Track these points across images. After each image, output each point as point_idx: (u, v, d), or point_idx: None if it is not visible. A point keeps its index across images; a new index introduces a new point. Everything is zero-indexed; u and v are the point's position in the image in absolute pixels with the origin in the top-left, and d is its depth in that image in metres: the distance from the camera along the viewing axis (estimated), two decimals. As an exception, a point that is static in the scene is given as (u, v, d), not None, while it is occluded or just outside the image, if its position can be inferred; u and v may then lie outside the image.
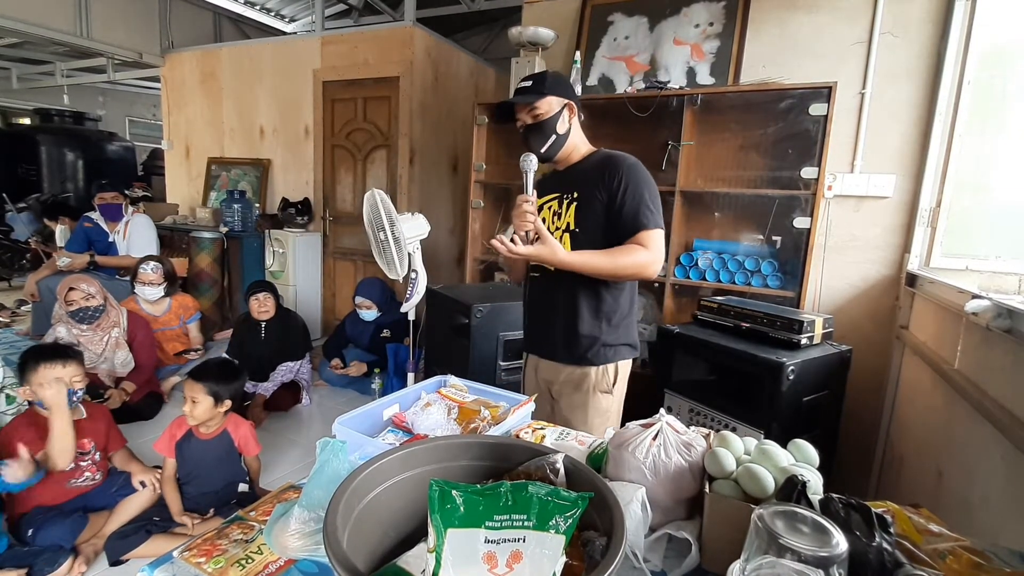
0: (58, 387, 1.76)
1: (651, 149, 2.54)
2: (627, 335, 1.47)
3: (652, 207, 1.35)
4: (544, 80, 1.39)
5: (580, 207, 1.40)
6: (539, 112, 1.38)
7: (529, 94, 1.38)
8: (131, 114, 9.03)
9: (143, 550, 1.74)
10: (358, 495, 0.65)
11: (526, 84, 1.41)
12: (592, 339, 1.43)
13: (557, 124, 1.40)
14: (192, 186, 5.11)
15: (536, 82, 1.40)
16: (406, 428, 1.10)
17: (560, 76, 1.45)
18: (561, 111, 1.40)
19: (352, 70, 4.03)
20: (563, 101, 1.40)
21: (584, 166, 1.44)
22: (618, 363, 1.47)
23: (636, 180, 1.34)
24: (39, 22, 4.23)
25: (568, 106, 1.41)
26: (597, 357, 1.44)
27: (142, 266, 3.15)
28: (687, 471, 0.84)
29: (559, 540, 0.55)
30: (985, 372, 1.46)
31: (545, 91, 1.37)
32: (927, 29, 2.24)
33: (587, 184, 1.39)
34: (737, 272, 2.47)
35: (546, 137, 1.40)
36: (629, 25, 2.84)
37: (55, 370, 1.79)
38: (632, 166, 1.36)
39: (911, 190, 2.31)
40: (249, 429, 2.03)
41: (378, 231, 2.13)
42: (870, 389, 2.37)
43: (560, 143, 1.42)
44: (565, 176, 1.47)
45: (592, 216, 1.38)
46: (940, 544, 0.70)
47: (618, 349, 1.46)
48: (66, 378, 1.81)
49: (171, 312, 3.30)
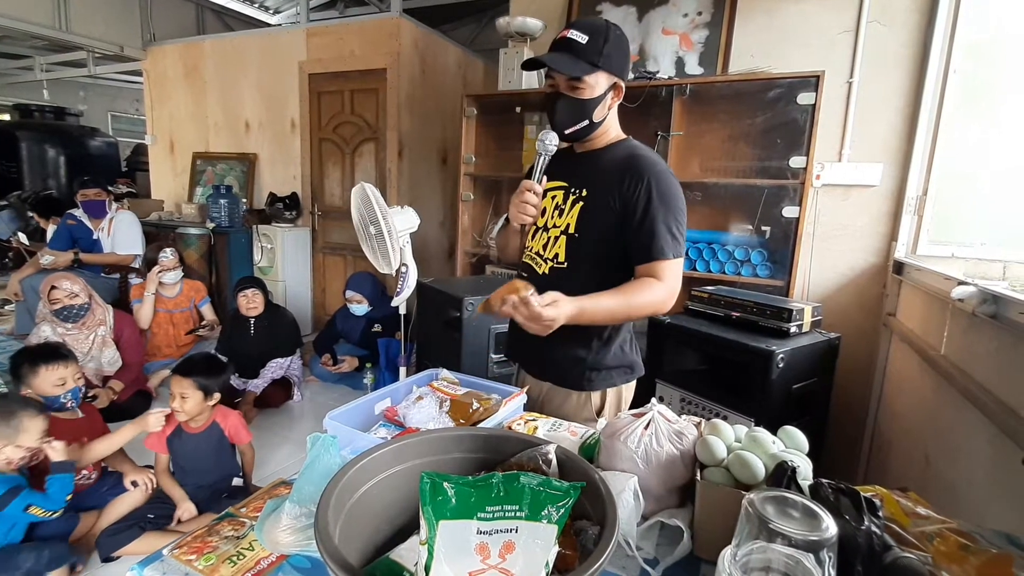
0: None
1: (640, 140, 2.43)
2: (622, 356, 1.26)
3: (676, 231, 1.10)
4: (604, 43, 1.08)
5: (586, 209, 1.17)
6: (581, 87, 1.11)
7: (578, 60, 1.08)
8: (113, 109, 8.87)
9: (135, 547, 1.73)
10: (350, 489, 0.65)
11: (579, 38, 1.08)
12: (575, 360, 1.23)
13: (597, 108, 1.14)
14: (177, 181, 5.04)
15: (592, 42, 1.07)
16: (398, 422, 1.10)
17: (622, 40, 1.13)
18: (606, 93, 1.13)
19: (338, 62, 3.97)
20: (612, 79, 1.13)
21: (604, 159, 1.19)
22: (606, 391, 1.25)
23: (662, 195, 1.10)
24: (16, 15, 4.13)
25: (616, 87, 1.14)
26: (580, 382, 1.24)
27: (161, 253, 3.31)
28: (679, 459, 0.85)
29: (551, 530, 0.55)
30: (971, 358, 1.48)
31: (600, 63, 1.09)
32: (914, 18, 2.25)
33: (601, 184, 1.16)
34: (727, 262, 2.48)
35: (578, 119, 1.14)
36: (617, 15, 2.83)
37: (59, 371, 1.81)
38: (660, 175, 1.12)
39: (898, 179, 2.33)
40: (237, 418, 2.03)
41: (368, 225, 2.11)
42: (858, 376, 2.40)
43: (591, 130, 1.17)
44: (580, 163, 1.23)
45: (598, 223, 1.16)
46: (927, 527, 0.71)
47: (610, 374, 1.24)
48: (69, 378, 1.82)
49: (182, 295, 3.42)
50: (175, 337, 3.37)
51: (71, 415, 1.89)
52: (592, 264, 1.19)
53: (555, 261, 1.23)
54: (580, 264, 1.20)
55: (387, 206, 2.17)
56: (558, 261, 1.22)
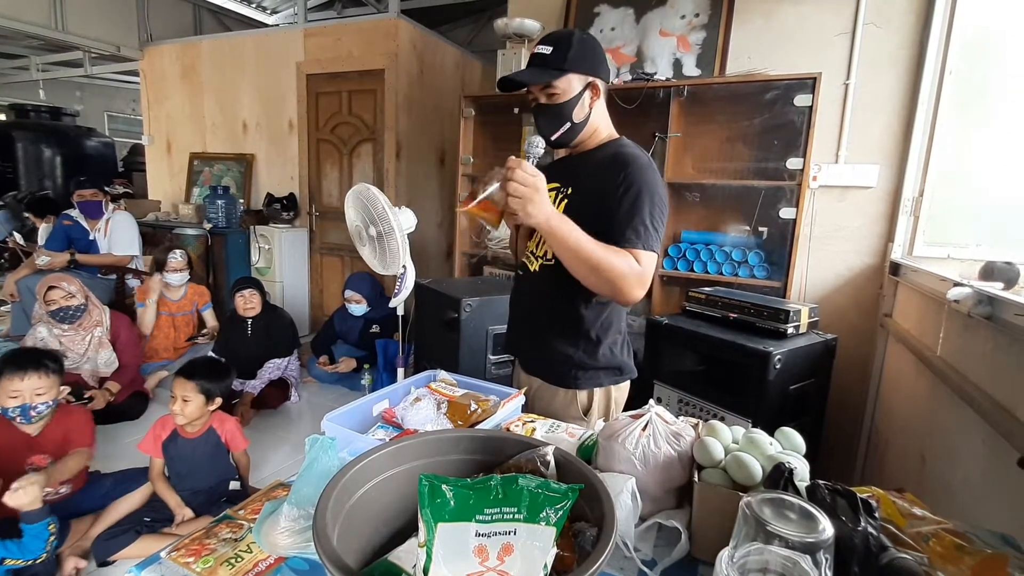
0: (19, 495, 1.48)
1: (638, 141, 2.45)
2: (611, 356, 1.26)
3: (650, 224, 1.09)
4: (567, 49, 1.12)
5: (571, 206, 1.20)
6: (554, 92, 1.14)
7: (546, 68, 1.13)
8: (110, 109, 8.84)
9: (131, 550, 1.72)
10: (348, 491, 0.65)
11: (544, 51, 1.14)
12: (564, 358, 1.25)
13: (575, 110, 1.16)
14: (174, 182, 5.03)
15: (556, 51, 1.13)
16: (396, 423, 1.10)
17: (588, 43, 1.16)
18: (581, 93, 1.15)
19: (336, 63, 3.97)
20: (585, 79, 1.15)
21: (593, 158, 1.22)
22: (594, 390, 1.26)
23: (640, 186, 1.10)
24: (12, 14, 4.11)
25: (591, 86, 1.16)
26: (567, 379, 1.25)
27: (170, 255, 3.30)
28: (676, 461, 0.85)
29: (550, 532, 0.56)
30: (966, 358, 1.48)
31: (565, 67, 1.12)
32: (910, 20, 2.26)
33: (585, 180, 1.19)
34: (724, 263, 2.48)
35: (559, 123, 1.17)
36: (615, 16, 2.84)
37: (14, 382, 1.70)
38: (641, 169, 1.12)
39: (894, 180, 2.34)
40: (235, 424, 2.01)
41: (368, 227, 2.10)
42: (855, 377, 2.41)
43: (575, 132, 1.19)
44: (573, 164, 1.26)
45: (582, 219, 1.12)
46: (923, 527, 0.71)
47: (597, 374, 1.25)
48: (26, 392, 1.71)
49: (186, 298, 3.41)
50: (174, 340, 3.36)
51: (33, 429, 1.80)
52: None
53: (545, 258, 1.26)
54: None
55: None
56: (547, 258, 1.25)
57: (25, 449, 1.78)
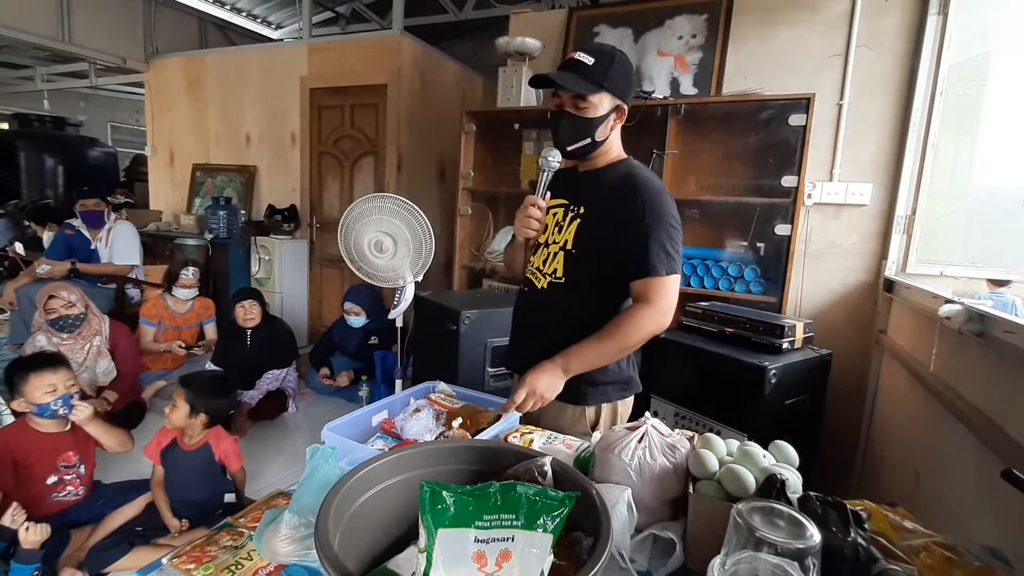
0: (81, 408, 1.80)
1: (636, 158, 2.46)
2: (618, 371, 1.28)
3: (671, 249, 1.13)
4: (609, 66, 1.13)
5: (583, 226, 1.20)
6: (586, 105, 1.14)
7: (583, 81, 1.13)
8: (113, 119, 8.90)
9: (125, 563, 1.71)
10: (349, 499, 0.66)
11: (585, 60, 1.12)
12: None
13: (599, 128, 1.17)
14: (176, 192, 5.06)
15: (598, 64, 1.12)
16: (395, 434, 1.11)
17: (627, 65, 1.18)
18: (609, 114, 1.17)
19: (339, 77, 4.03)
20: (616, 101, 1.17)
21: (604, 178, 1.23)
22: (602, 406, 1.28)
23: (656, 213, 1.13)
24: (19, 25, 4.16)
25: (619, 109, 1.18)
26: (576, 396, 1.25)
27: (183, 271, 3.37)
28: (672, 472, 0.86)
29: (547, 539, 0.57)
30: (959, 375, 1.50)
31: (605, 85, 1.13)
32: (901, 43, 2.32)
33: (598, 201, 1.20)
34: (721, 278, 2.51)
35: (580, 136, 1.18)
36: (614, 36, 2.90)
37: (47, 377, 1.78)
38: (654, 194, 1.15)
39: (887, 198, 2.38)
40: (231, 444, 1.99)
41: (400, 243, 2.11)
42: (850, 392, 2.42)
43: (592, 148, 1.21)
44: (582, 182, 1.27)
45: (594, 240, 1.20)
46: (914, 540, 0.72)
47: (605, 389, 1.27)
48: (60, 384, 1.79)
49: (192, 312, 3.46)
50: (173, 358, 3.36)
51: (59, 427, 1.85)
52: (589, 280, 1.23)
53: (553, 276, 1.26)
54: (577, 279, 1.23)
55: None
56: (556, 276, 1.25)
57: (53, 451, 1.82)
